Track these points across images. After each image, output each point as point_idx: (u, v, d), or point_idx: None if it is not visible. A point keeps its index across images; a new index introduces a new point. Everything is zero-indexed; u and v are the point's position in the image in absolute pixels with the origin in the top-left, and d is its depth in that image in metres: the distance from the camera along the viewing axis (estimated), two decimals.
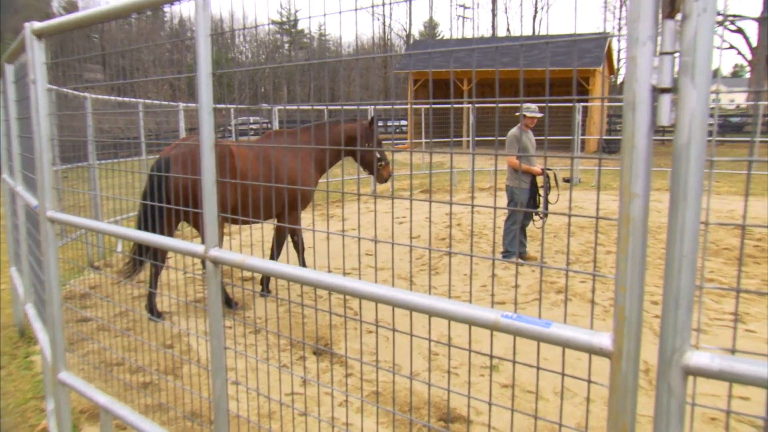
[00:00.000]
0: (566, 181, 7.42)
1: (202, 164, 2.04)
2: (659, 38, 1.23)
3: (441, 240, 8.38)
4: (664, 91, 1.22)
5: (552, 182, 7.98)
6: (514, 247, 7.12)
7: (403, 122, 28.56)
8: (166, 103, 9.74)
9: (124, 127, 9.51)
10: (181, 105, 9.95)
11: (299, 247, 5.62)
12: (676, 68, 1.20)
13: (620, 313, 1.28)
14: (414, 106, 19.48)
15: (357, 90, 1.73)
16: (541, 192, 6.95)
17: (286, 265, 1.87)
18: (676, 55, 1.21)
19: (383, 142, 6.23)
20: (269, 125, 13.13)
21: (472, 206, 1.37)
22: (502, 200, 11.48)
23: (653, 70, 1.22)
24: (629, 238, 1.26)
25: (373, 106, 12.94)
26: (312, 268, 6.03)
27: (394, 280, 6.30)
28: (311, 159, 5.45)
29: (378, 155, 5.82)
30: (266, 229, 8.02)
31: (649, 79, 1.22)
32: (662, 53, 1.22)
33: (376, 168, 5.70)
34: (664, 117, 1.21)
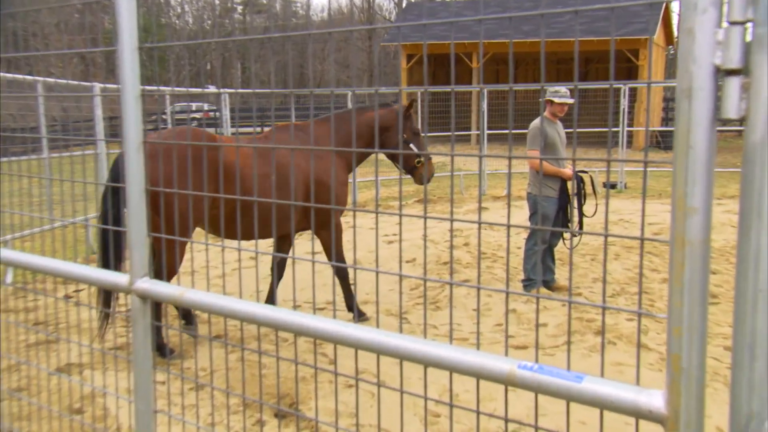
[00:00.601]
0: (608, 186, 7.60)
1: (126, 168, 2.02)
2: (725, 4, 1.24)
3: (443, 264, 8.40)
4: (731, 73, 1.22)
5: (588, 188, 8.05)
6: (538, 274, 7.10)
7: None
8: (76, 83, 9.43)
9: (18, 114, 9.29)
10: (97, 86, 9.67)
11: (344, 281, 6.16)
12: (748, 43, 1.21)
13: (675, 363, 1.28)
14: (407, 90, 19.76)
15: (332, 70, 1.73)
16: (574, 202, 7.01)
17: (235, 300, 1.85)
18: (749, 25, 1.21)
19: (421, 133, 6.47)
20: (217, 113, 13.07)
21: (479, 223, 1.37)
22: (522, 213, 11.59)
23: (717, 45, 1.23)
24: (685, 266, 1.26)
25: (352, 91, 12.95)
26: (279, 303, 6.09)
27: (381, 318, 6.28)
28: (341, 158, 5.93)
29: (415, 150, 6.23)
30: (260, 246, 7.99)
31: (711, 58, 1.23)
32: (730, 23, 1.23)
33: (399, 163, 5.97)
34: (731, 107, 1.22)
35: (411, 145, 6.18)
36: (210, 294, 1.94)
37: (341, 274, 6.09)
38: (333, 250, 3.79)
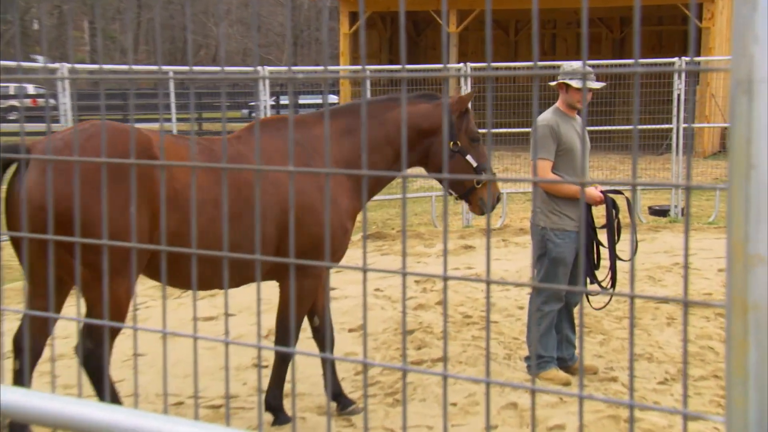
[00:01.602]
0: (657, 213, 7.62)
1: None
2: None
3: (410, 334, 8.42)
4: None
5: (624, 216, 8.01)
6: (550, 348, 7.21)
7: (331, 99, 28.92)
8: None
9: None
10: None
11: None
12: None
13: None
14: (344, 76, 19.69)
15: (234, 38, 1.75)
16: (603, 239, 7.06)
17: (69, 400, 1.86)
18: None
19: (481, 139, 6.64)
20: (50, 100, 12.87)
21: (445, 278, 1.41)
22: (525, 254, 11.69)
23: None
24: (748, 343, 1.30)
25: (263, 73, 13.02)
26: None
27: (309, 418, 6.24)
28: (346, 177, 6.10)
29: (473, 163, 6.47)
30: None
31: None
32: None
33: (445, 185, 6.07)
34: None
35: (468, 158, 6.41)
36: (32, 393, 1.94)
37: (282, 355, 6.06)
38: (292, 316, 3.34)
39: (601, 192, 7.02)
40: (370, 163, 6.09)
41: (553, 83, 7.36)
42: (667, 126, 15.75)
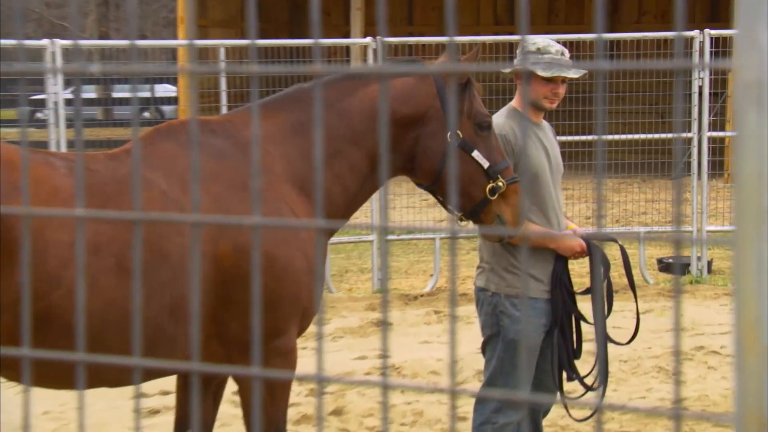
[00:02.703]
0: (671, 269, 6.20)
1: None
2: None
3: None
4: None
5: (619, 273, 5.92)
6: None
7: (171, 89, 27.33)
8: None
9: None
10: None
11: None
12: None
13: None
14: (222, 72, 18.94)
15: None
16: (588, 312, 5.42)
17: None
18: None
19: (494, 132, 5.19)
20: None
21: (319, 380, 1.00)
22: (468, 334, 8.26)
23: None
24: None
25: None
26: None
27: None
28: (302, 195, 4.75)
29: (483, 163, 4.96)
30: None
31: None
32: None
33: (450, 197, 4.73)
34: None
35: (476, 155, 4.94)
36: None
37: None
38: (264, 416, 2.78)
39: (584, 238, 5.41)
40: (333, 176, 4.79)
41: (506, 70, 6.23)
42: (684, 135, 12.00)
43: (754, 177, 1.06)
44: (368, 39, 12.88)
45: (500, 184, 4.97)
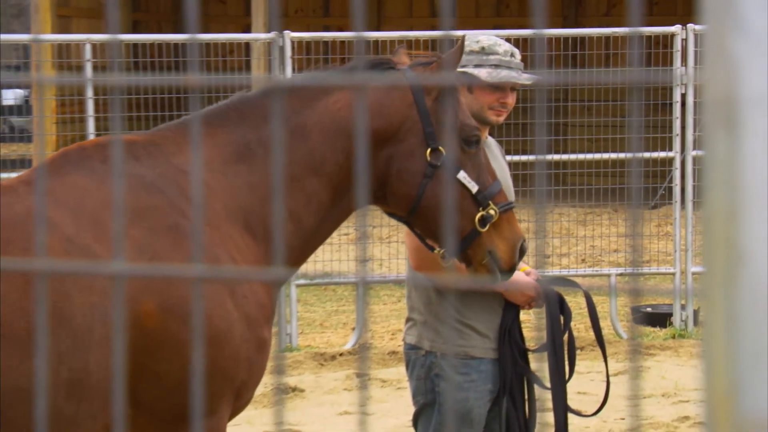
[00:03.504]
0: (650, 321, 6.30)
1: None
2: None
3: None
4: None
5: (584, 324, 6.21)
6: None
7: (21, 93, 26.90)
8: None
9: None
10: None
11: None
12: None
13: None
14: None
15: None
16: (545, 374, 5.44)
17: None
18: None
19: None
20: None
21: None
22: (398, 403, 9.12)
23: None
24: None
25: None
26: None
27: None
28: (251, 240, 4.67)
29: (471, 187, 4.92)
30: None
31: None
32: None
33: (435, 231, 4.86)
34: None
35: (462, 176, 4.89)
36: None
37: None
38: None
39: (540, 282, 5.49)
40: (287, 211, 4.65)
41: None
42: (664, 154, 12.78)
43: (722, 212, 1.09)
44: (273, 34, 12.82)
45: (492, 212, 4.91)
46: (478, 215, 4.88)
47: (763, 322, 1.08)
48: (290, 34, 12.64)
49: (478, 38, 5.68)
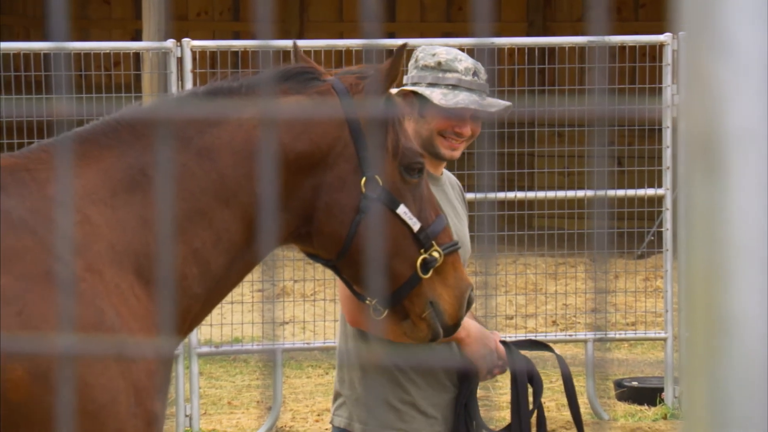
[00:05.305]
0: (634, 396, 6.56)
1: None
2: None
3: None
4: None
5: (555, 399, 6.42)
6: None
7: None
8: None
9: None
10: None
11: None
12: None
13: None
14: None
15: None
16: None
17: None
18: None
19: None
20: None
21: None
22: None
23: None
24: None
25: None
26: None
27: None
28: (138, 282, 4.58)
29: (413, 225, 5.02)
30: None
31: None
32: None
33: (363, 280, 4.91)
34: None
35: (402, 211, 4.92)
36: None
37: None
38: None
39: (505, 345, 5.53)
40: (190, 252, 4.63)
41: (394, 90, 5.77)
42: (652, 192, 12.75)
43: (702, 269, 1.10)
44: (169, 42, 12.63)
45: (435, 254, 4.95)
46: (420, 258, 4.93)
47: (755, 408, 1.09)
48: (191, 43, 12.55)
49: (434, 51, 5.66)
